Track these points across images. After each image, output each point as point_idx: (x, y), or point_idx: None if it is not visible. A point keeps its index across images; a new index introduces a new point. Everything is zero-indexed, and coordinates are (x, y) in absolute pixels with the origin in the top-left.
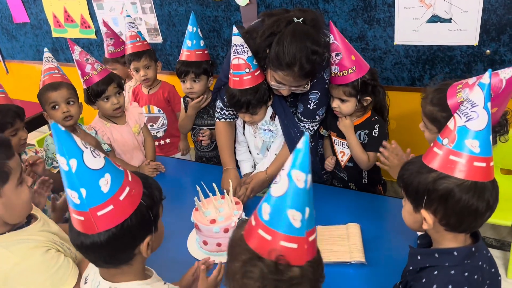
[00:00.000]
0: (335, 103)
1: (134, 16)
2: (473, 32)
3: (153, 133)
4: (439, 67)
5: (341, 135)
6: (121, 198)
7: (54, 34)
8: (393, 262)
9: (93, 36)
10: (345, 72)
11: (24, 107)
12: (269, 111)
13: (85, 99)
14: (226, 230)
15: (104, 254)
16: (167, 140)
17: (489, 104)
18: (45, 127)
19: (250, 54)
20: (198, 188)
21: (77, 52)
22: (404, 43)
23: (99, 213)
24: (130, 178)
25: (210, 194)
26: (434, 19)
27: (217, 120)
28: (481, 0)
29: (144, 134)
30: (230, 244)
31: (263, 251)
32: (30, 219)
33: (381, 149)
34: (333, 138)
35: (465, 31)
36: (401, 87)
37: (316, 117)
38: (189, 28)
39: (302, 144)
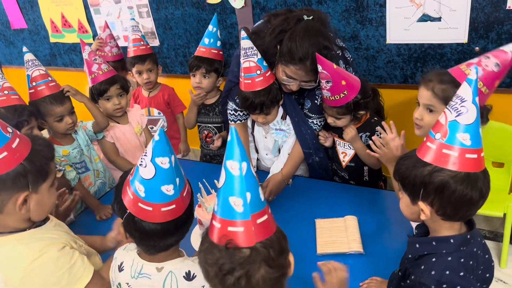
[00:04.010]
0: (331, 120)
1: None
2: (462, 30)
3: (153, 136)
4: (431, 65)
5: (342, 137)
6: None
7: (52, 40)
8: (390, 252)
9: (90, 40)
10: (337, 97)
11: None
12: (280, 111)
13: (89, 97)
14: None
15: (183, 230)
16: None
17: (477, 99)
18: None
19: (259, 56)
20: (200, 186)
21: (86, 51)
22: (396, 42)
23: (184, 194)
24: None
25: (212, 191)
26: (424, 18)
27: (232, 122)
28: None
29: (146, 135)
30: (202, 236)
31: (216, 239)
32: (45, 219)
33: (374, 138)
34: (335, 139)
35: (454, 29)
36: (394, 85)
37: (323, 112)
38: (210, 27)
39: (231, 136)
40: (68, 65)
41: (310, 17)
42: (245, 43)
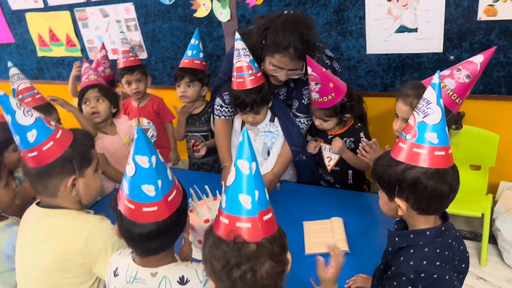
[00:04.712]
0: (318, 122)
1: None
2: (437, 40)
3: None
4: (409, 73)
5: (328, 141)
6: (176, 183)
7: (40, 54)
8: (374, 250)
9: (78, 54)
10: (325, 99)
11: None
12: (268, 114)
13: (79, 107)
14: None
15: (166, 237)
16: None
17: (441, 101)
18: None
19: (251, 57)
20: (191, 191)
21: (83, 67)
22: (375, 52)
23: (169, 199)
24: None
25: (203, 197)
26: (402, 29)
27: (217, 117)
28: (443, 11)
29: None
30: (204, 235)
31: (224, 234)
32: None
33: (361, 145)
34: (321, 144)
35: (430, 39)
36: (374, 93)
37: (310, 111)
38: (192, 41)
39: (243, 137)
40: (56, 78)
41: (291, 12)
42: (239, 44)
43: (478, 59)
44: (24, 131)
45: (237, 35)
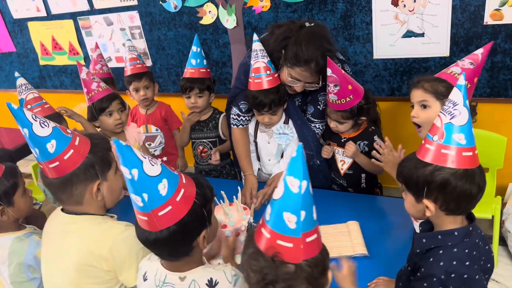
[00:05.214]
0: (333, 124)
1: (123, 41)
2: (444, 44)
3: (151, 152)
4: (416, 78)
5: (341, 145)
6: (178, 199)
7: (42, 62)
8: (394, 252)
9: (81, 62)
10: (343, 101)
11: (12, 135)
12: (283, 116)
13: (89, 116)
14: (237, 234)
15: (167, 249)
16: (164, 158)
17: (467, 102)
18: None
19: (268, 58)
20: None
21: (84, 72)
22: (382, 57)
23: (160, 213)
24: (184, 181)
25: (220, 202)
26: (409, 34)
27: (234, 127)
28: (449, 16)
29: (143, 152)
30: (245, 239)
31: (263, 248)
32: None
33: (375, 146)
34: (334, 148)
35: (437, 44)
36: (381, 97)
37: (325, 117)
38: (193, 48)
39: (297, 153)
40: (58, 87)
41: (312, 24)
42: (257, 45)
43: (479, 51)
44: (43, 142)
45: (255, 37)
